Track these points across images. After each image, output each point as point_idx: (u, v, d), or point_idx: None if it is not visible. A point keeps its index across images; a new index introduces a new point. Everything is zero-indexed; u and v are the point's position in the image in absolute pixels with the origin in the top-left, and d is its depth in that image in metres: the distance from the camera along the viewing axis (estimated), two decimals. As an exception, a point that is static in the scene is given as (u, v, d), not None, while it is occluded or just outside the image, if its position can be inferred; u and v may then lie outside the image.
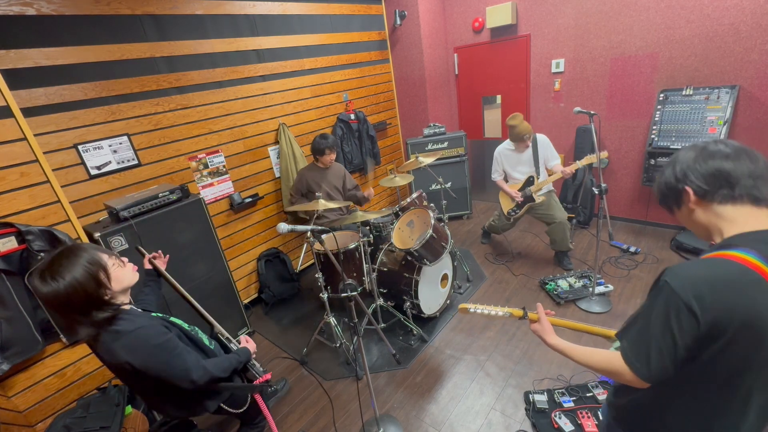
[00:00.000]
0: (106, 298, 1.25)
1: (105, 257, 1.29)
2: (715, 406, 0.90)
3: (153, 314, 1.47)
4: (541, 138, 3.27)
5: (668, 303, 0.84)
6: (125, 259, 1.41)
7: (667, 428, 0.99)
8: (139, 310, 1.42)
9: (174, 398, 1.48)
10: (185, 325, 1.56)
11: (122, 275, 1.34)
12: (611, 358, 0.97)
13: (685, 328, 0.82)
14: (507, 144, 3.40)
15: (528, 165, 3.36)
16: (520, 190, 3.42)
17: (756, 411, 0.89)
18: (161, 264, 1.83)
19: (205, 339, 1.62)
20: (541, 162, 3.30)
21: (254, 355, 1.69)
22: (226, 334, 1.76)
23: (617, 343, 0.99)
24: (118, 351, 1.25)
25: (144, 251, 1.83)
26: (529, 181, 3.39)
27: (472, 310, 1.36)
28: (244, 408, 1.67)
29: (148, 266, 1.79)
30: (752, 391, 0.87)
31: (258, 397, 1.65)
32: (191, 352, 1.40)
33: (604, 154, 2.90)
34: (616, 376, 0.96)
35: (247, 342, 1.70)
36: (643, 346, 0.88)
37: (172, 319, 1.54)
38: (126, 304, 1.37)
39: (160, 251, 1.86)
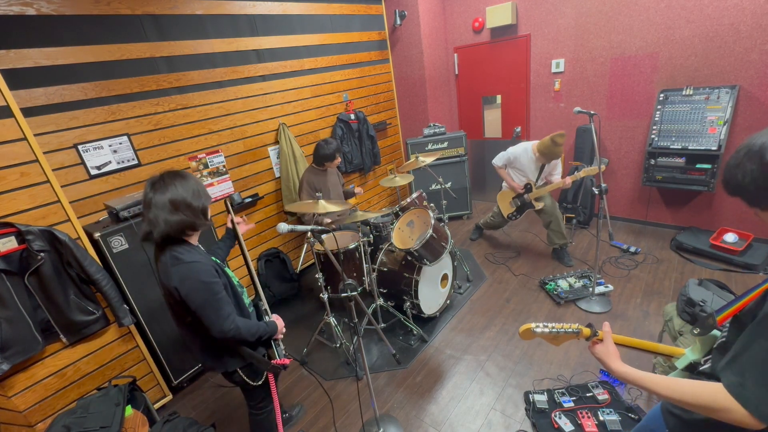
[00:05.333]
0: (208, 214, 1.53)
1: None
2: None
3: (212, 258, 1.59)
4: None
5: None
6: None
7: None
8: (203, 249, 1.58)
9: (203, 341, 1.58)
10: (235, 279, 1.67)
11: None
12: (713, 392, 0.81)
13: None
14: (529, 150, 3.32)
15: (533, 174, 3.39)
16: (517, 197, 3.53)
17: None
18: (243, 228, 2.03)
19: (246, 300, 1.73)
20: (545, 174, 3.37)
21: (281, 336, 1.75)
22: (266, 306, 1.85)
23: (683, 360, 0.87)
24: (172, 275, 1.41)
25: (231, 209, 2.00)
26: (527, 188, 3.41)
27: (538, 330, 1.11)
28: (257, 383, 1.70)
29: (229, 225, 1.97)
30: None
31: (270, 377, 1.72)
32: (230, 303, 1.50)
33: (600, 168, 2.89)
34: (718, 413, 0.81)
35: (277, 319, 1.76)
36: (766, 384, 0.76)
37: (226, 269, 1.66)
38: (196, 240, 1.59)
39: (245, 217, 1.99)
